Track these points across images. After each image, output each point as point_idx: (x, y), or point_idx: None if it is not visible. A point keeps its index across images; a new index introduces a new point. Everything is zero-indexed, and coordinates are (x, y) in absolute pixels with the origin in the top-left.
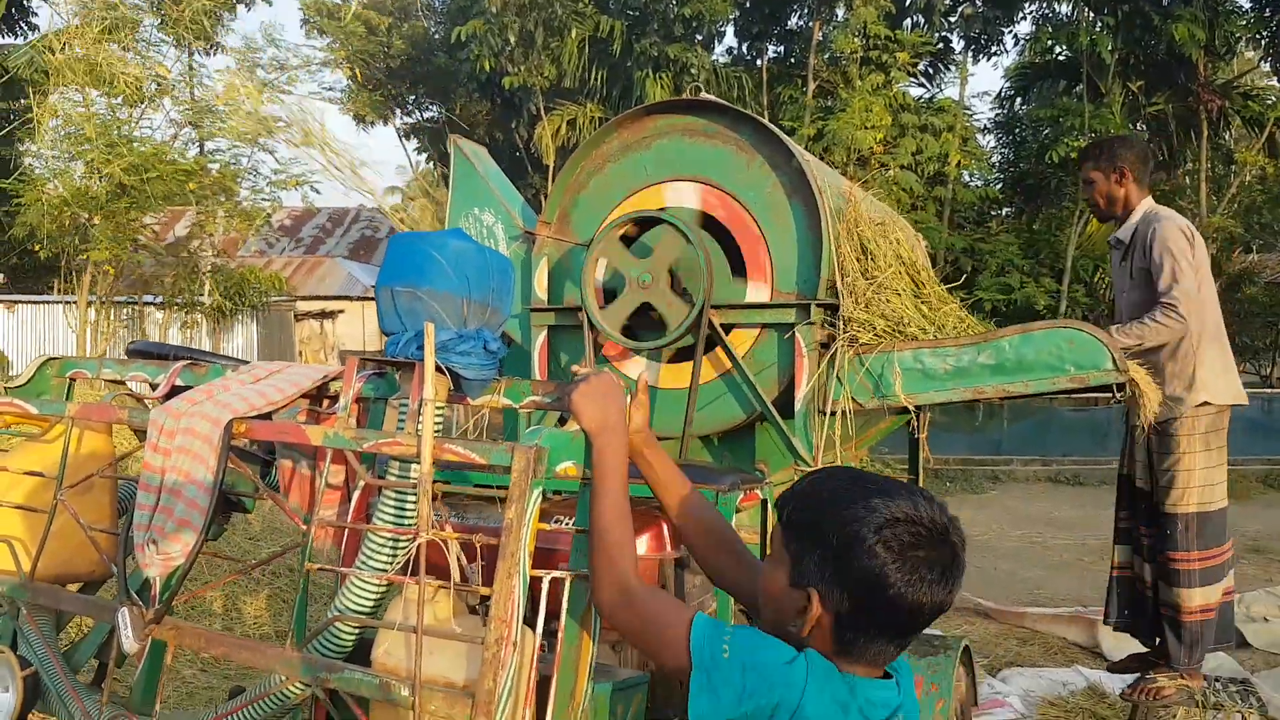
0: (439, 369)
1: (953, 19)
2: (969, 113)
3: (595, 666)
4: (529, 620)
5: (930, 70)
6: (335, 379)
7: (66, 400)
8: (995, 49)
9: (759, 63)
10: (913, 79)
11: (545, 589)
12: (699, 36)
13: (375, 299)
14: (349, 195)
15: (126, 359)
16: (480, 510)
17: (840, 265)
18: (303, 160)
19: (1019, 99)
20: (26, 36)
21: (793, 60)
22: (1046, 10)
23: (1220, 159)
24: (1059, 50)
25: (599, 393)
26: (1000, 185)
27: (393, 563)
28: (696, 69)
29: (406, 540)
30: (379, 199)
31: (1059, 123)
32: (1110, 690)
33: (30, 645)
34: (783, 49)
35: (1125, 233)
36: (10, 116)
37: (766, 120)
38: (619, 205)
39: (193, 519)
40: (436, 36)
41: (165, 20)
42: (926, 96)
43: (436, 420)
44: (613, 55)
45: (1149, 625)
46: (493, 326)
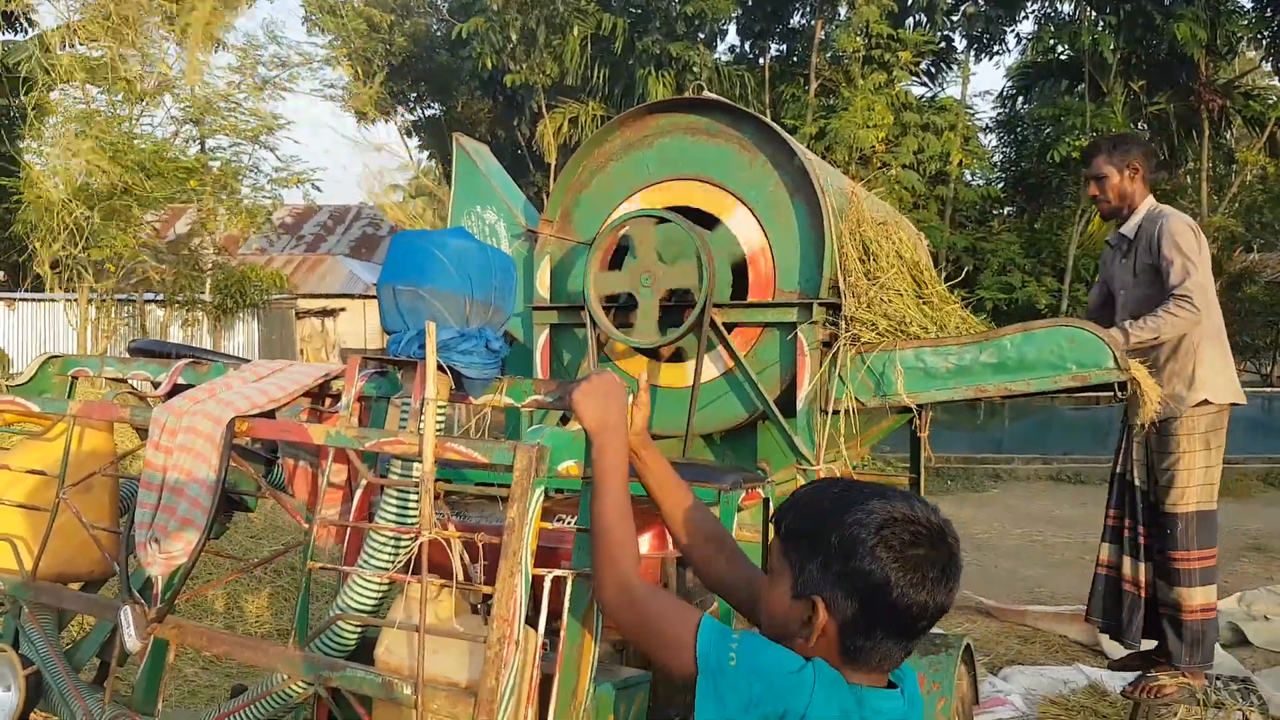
0: (441, 368)
1: (955, 18)
2: (971, 112)
3: (597, 666)
4: (531, 619)
5: (932, 69)
6: (337, 377)
7: (68, 398)
8: (997, 48)
9: (761, 61)
10: (915, 78)
11: (547, 588)
12: (701, 34)
13: (377, 297)
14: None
15: (128, 357)
16: (481, 508)
17: (843, 265)
18: (303, 157)
19: (1021, 98)
20: (27, 33)
21: (795, 59)
22: (1048, 9)
23: (1221, 158)
24: (1061, 49)
25: (600, 392)
26: (1002, 184)
27: (395, 561)
28: (699, 67)
29: (409, 539)
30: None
31: (1061, 122)
32: (1111, 688)
33: (32, 644)
34: (785, 47)
35: (1130, 229)
36: (11, 113)
37: (769, 119)
38: (621, 203)
39: (195, 518)
40: (438, 34)
41: (167, 15)
42: (928, 95)
43: (438, 419)
44: (615, 53)
45: (1126, 624)
46: (495, 325)
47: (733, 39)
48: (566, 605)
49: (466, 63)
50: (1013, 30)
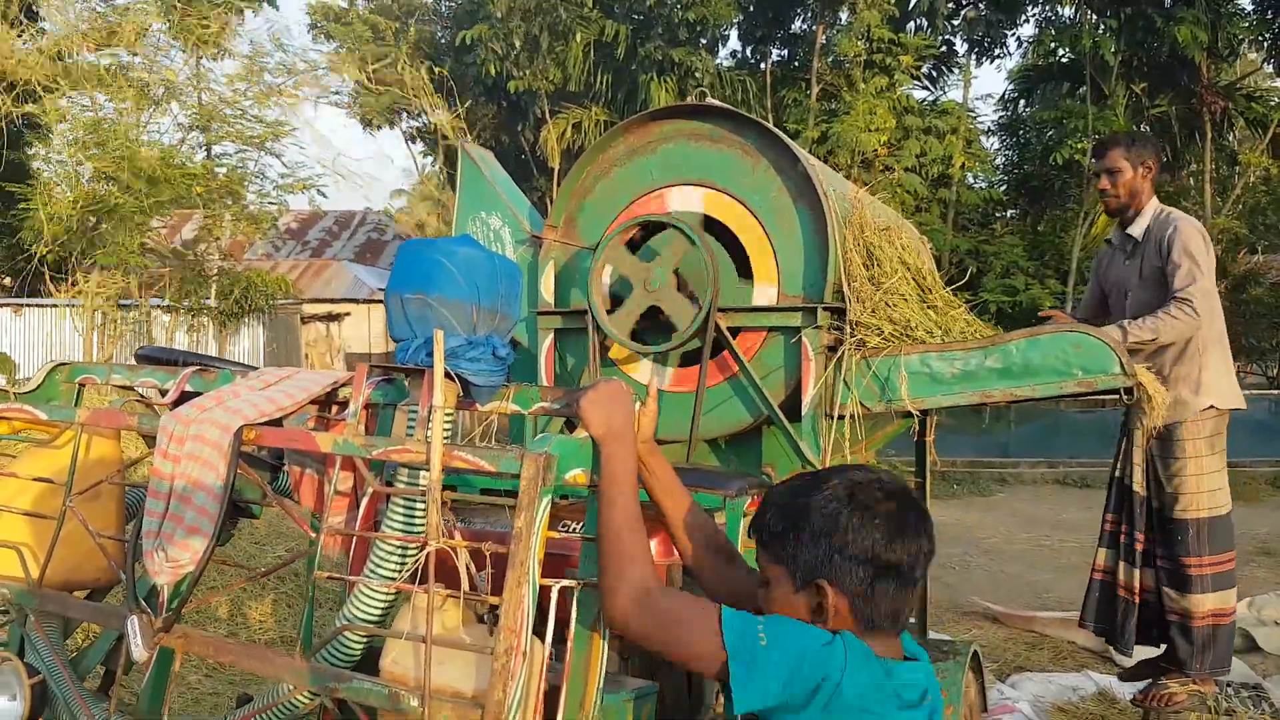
0: (448, 376)
1: (956, 22)
2: (973, 115)
3: (605, 677)
4: (538, 629)
5: (934, 73)
6: (344, 385)
7: (76, 406)
8: (998, 52)
9: (763, 66)
10: (916, 82)
11: (554, 598)
12: (703, 40)
13: (385, 305)
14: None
15: (136, 364)
16: (486, 514)
17: (847, 270)
18: (309, 163)
19: (1022, 101)
20: (34, 41)
21: (796, 63)
22: (1049, 13)
23: (1224, 160)
24: (1062, 53)
25: (606, 399)
26: (1004, 187)
27: (401, 571)
28: (701, 73)
29: (415, 548)
30: None
31: (1063, 124)
32: (1121, 696)
33: (38, 652)
34: (786, 52)
35: (1137, 231)
36: (19, 120)
37: (771, 124)
38: (625, 209)
39: (203, 526)
40: (443, 41)
41: (172, 25)
42: (930, 99)
43: (445, 427)
44: (617, 59)
45: (1120, 629)
46: (502, 332)
47: (734, 44)
48: (574, 615)
49: (470, 69)
50: (1013, 34)
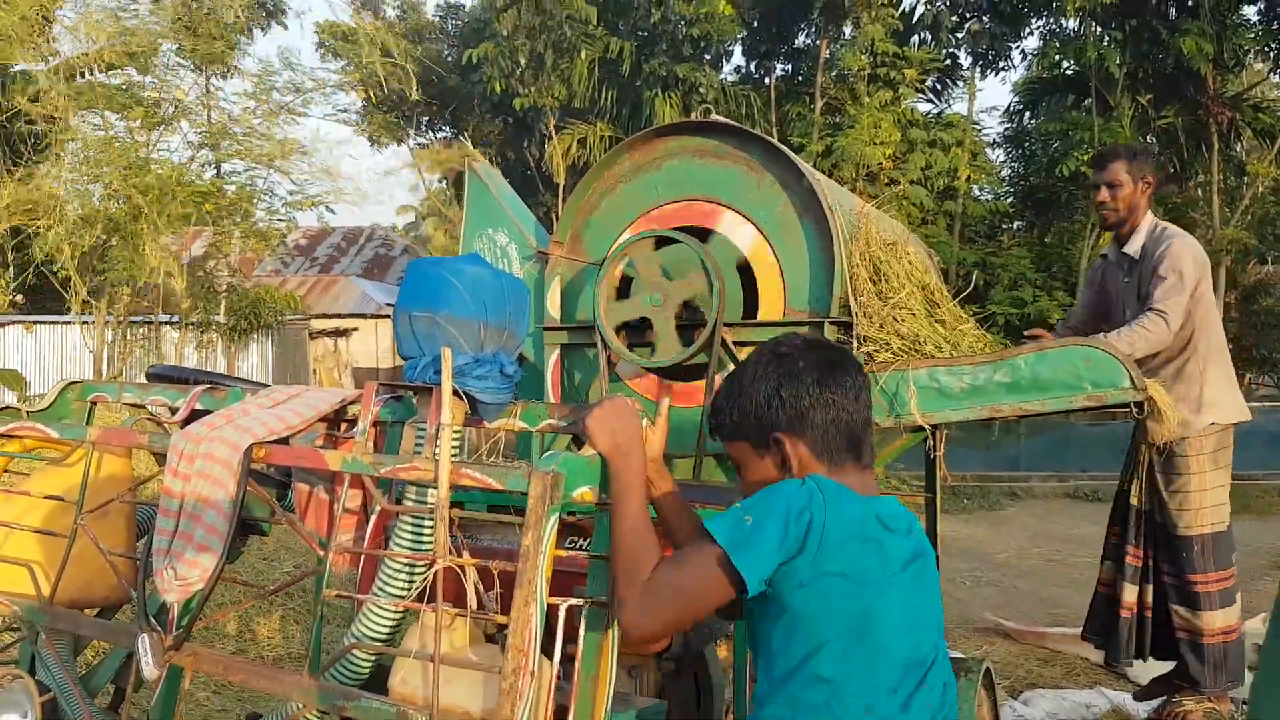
0: (456, 393)
1: (960, 35)
2: (978, 128)
3: (613, 696)
4: (546, 648)
5: (938, 86)
6: (353, 403)
7: (87, 424)
8: (1003, 64)
9: (767, 81)
10: (921, 95)
11: (562, 616)
12: (707, 56)
13: (393, 322)
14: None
15: (146, 383)
16: (494, 531)
17: (854, 285)
18: (317, 180)
19: (1028, 113)
20: (47, 62)
21: (800, 78)
22: (1054, 25)
23: (1232, 171)
24: (1067, 65)
25: (612, 415)
26: (1010, 199)
27: (409, 589)
28: (705, 88)
29: (423, 566)
30: None
31: (1068, 136)
32: (1135, 713)
33: (49, 670)
34: (790, 67)
35: (1134, 250)
36: (32, 139)
37: (775, 139)
38: (630, 224)
39: (212, 544)
40: (449, 59)
41: (182, 47)
42: (935, 112)
43: (453, 444)
44: (622, 75)
45: (1122, 645)
46: (509, 350)
47: (738, 60)
48: (582, 634)
49: (477, 86)
50: (1018, 46)
